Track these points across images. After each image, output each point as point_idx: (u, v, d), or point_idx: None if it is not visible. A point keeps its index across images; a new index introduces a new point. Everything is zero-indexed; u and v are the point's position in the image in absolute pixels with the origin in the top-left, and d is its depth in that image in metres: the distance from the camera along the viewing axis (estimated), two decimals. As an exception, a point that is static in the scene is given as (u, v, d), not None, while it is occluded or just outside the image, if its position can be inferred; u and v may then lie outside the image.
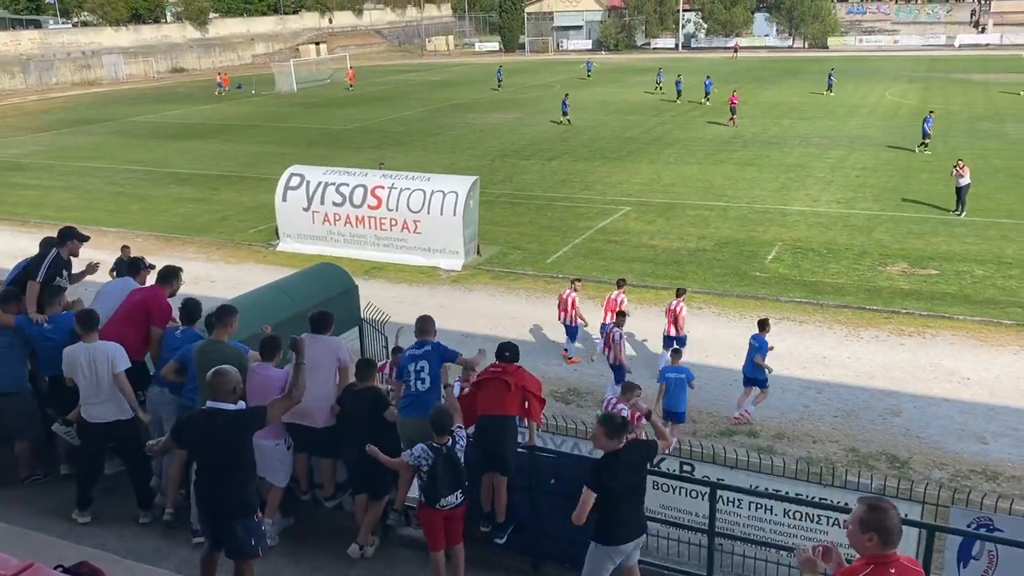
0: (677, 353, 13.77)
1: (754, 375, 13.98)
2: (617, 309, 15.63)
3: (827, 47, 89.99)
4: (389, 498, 7.77)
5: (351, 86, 68.40)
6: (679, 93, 52.52)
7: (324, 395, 7.73)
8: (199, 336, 8.15)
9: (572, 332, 16.84)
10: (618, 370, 14.66)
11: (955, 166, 25.35)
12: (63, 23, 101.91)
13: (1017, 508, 9.44)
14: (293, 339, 6.72)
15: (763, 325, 14.15)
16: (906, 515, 8.51)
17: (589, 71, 68.94)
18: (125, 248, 18.96)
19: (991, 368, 15.50)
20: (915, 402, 14.52)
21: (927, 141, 33.61)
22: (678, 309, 15.48)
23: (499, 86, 63.08)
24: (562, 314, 16.74)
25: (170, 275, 8.83)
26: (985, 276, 20.08)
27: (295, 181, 24.20)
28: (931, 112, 34.70)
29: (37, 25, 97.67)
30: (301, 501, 8.48)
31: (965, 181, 24.95)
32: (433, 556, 7.15)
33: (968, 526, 8.36)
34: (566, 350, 17.02)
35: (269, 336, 7.77)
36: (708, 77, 53.32)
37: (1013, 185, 28.21)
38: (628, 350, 15.55)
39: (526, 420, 7.72)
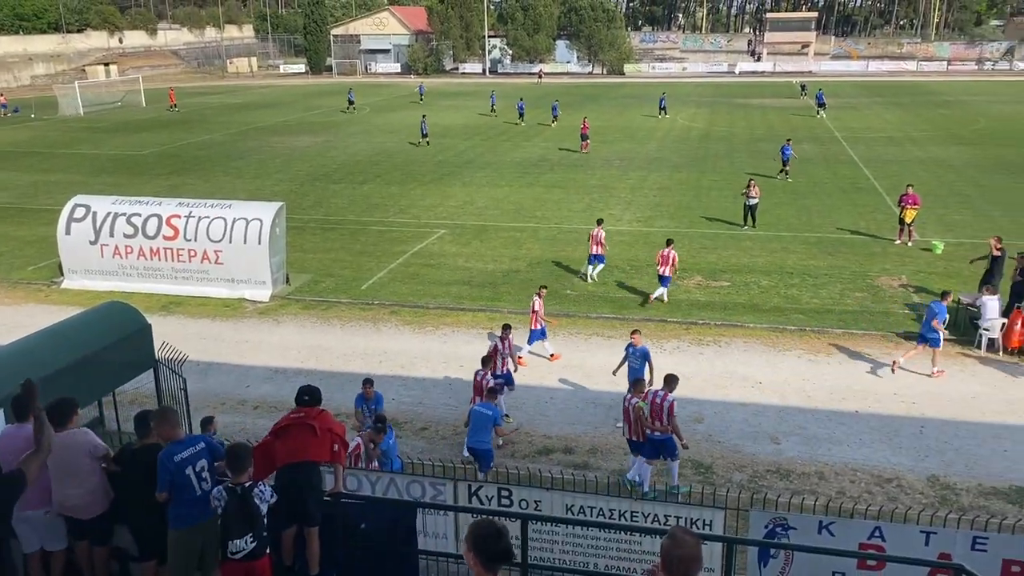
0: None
1: (929, 335, 16.24)
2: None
3: (624, 73, 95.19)
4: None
5: (173, 106, 64.72)
6: (521, 115, 53.82)
7: (87, 491, 7.00)
8: None
9: (540, 333, 17.44)
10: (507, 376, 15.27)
11: (747, 185, 27.26)
12: None
13: (807, 503, 10.14)
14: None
15: (945, 295, 16.69)
16: (711, 522, 8.93)
17: (421, 94, 69.36)
18: None
19: (779, 372, 16.71)
20: (715, 408, 15.37)
21: (787, 168, 34.64)
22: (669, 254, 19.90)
23: (350, 108, 62.18)
24: (533, 320, 17.33)
25: None
26: (771, 286, 21.72)
27: (80, 212, 22.31)
28: (788, 140, 35.97)
29: None
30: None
31: (754, 200, 26.94)
32: None
33: (766, 527, 8.86)
34: (552, 353, 17.62)
35: (17, 395, 6.91)
36: (555, 101, 55.62)
37: (791, 201, 30.83)
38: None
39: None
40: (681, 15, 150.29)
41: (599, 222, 22.47)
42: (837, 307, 20.08)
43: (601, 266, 22.27)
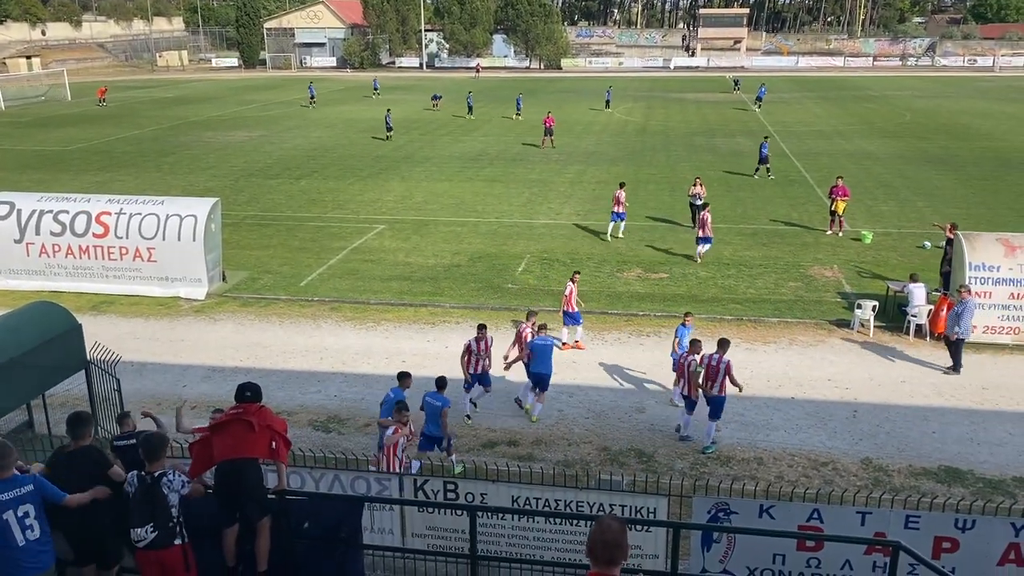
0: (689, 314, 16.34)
1: None
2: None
3: (561, 68, 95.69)
4: (121, 567, 6.93)
5: (102, 101, 62.67)
6: (470, 108, 53.70)
7: None
8: None
9: (575, 317, 17.57)
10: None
11: (693, 184, 26.74)
12: None
13: (748, 488, 10.34)
14: None
15: None
16: (655, 509, 9.05)
17: (376, 89, 68.51)
18: None
19: (718, 360, 16.98)
20: (655, 398, 15.58)
21: (768, 165, 33.93)
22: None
23: (311, 102, 60.75)
24: (565, 306, 17.46)
25: None
26: (708, 277, 22.10)
27: (3, 210, 21.47)
28: (766, 138, 35.51)
29: None
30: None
31: (700, 201, 26.11)
32: None
33: (709, 512, 9.02)
34: (577, 340, 17.77)
35: None
36: (520, 94, 55.81)
37: (725, 193, 31.39)
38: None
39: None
40: (616, 10, 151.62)
41: (621, 185, 26.02)
42: (772, 296, 20.54)
43: (623, 223, 25.51)
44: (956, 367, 16.28)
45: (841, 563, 8.87)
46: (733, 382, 13.49)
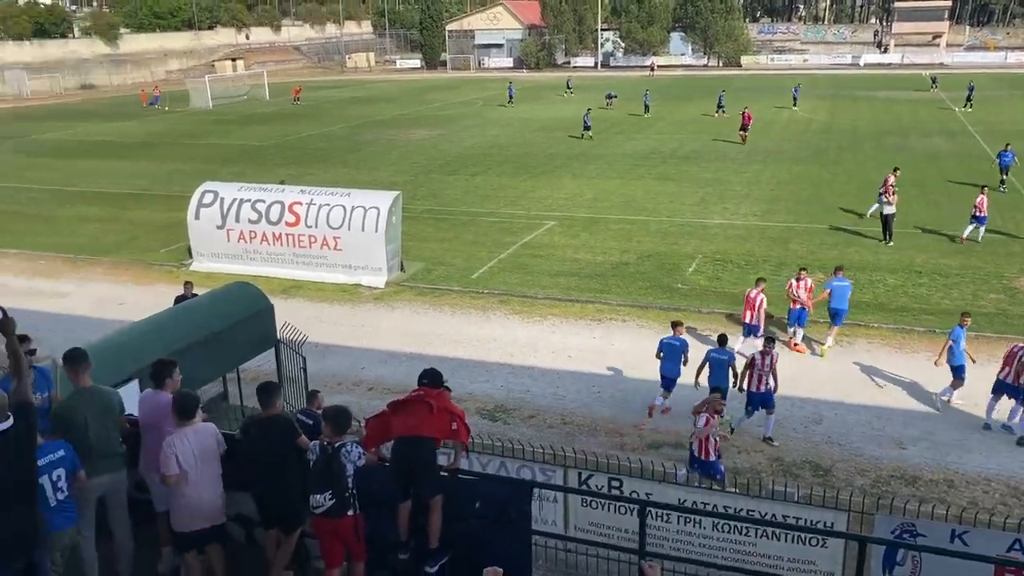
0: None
1: None
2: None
3: (740, 65, 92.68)
4: (303, 530, 7.32)
5: (296, 100, 67.56)
6: (647, 107, 53.83)
7: (212, 496, 7.02)
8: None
9: (799, 316, 17.28)
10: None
11: (886, 190, 24.30)
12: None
13: (938, 512, 9.57)
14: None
15: None
16: (833, 524, 8.54)
17: (569, 87, 69.29)
18: (188, 284, 17.00)
19: (906, 374, 15.84)
20: (835, 409, 14.73)
21: (1007, 177, 30.03)
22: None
23: (510, 102, 62.22)
24: (793, 304, 17.24)
25: None
26: (897, 284, 20.66)
27: (208, 198, 23.40)
28: (1008, 145, 30.91)
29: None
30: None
31: (891, 209, 24.03)
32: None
33: (892, 532, 8.41)
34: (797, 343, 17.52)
35: (158, 361, 7.38)
36: (723, 91, 55.05)
37: (919, 195, 29.25)
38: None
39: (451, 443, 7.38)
40: (802, 6, 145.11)
41: (895, 169, 26.04)
42: (970, 309, 18.79)
43: (876, 207, 25.58)
44: None
45: (1046, 601, 8.01)
46: None
